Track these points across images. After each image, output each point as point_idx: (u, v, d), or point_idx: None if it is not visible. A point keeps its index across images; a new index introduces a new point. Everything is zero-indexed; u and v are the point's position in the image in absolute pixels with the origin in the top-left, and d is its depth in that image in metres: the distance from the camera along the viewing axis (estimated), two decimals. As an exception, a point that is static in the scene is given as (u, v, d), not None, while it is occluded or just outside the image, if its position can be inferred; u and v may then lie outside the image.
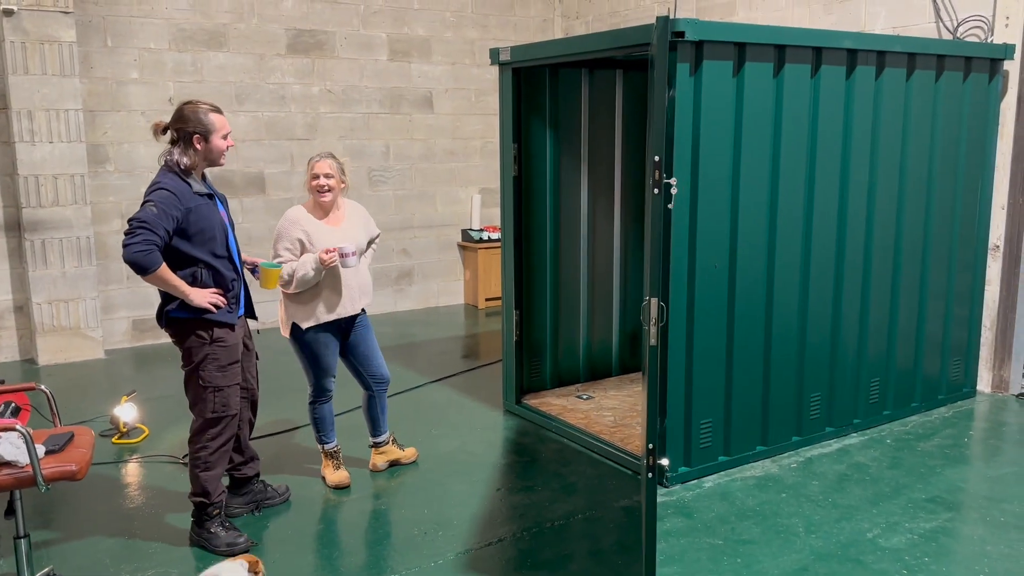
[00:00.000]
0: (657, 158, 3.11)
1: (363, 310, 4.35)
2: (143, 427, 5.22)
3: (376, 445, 4.58)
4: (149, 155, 7.20)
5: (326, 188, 4.11)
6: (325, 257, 3.96)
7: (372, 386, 4.45)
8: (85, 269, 6.83)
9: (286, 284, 4.05)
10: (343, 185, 4.19)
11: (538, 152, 5.42)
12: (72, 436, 3.31)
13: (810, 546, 3.71)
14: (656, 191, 3.11)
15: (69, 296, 6.80)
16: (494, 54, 5.18)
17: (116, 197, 7.13)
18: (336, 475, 4.39)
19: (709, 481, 4.39)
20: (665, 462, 4.20)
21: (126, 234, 3.38)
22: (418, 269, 8.76)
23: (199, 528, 3.76)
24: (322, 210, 4.18)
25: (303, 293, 4.09)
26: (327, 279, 4.11)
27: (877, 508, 4.07)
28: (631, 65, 5.70)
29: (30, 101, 6.47)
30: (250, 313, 3.96)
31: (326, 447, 4.43)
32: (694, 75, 4.08)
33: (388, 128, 8.36)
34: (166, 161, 3.57)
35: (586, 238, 5.75)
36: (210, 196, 3.64)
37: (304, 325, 4.13)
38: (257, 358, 4.06)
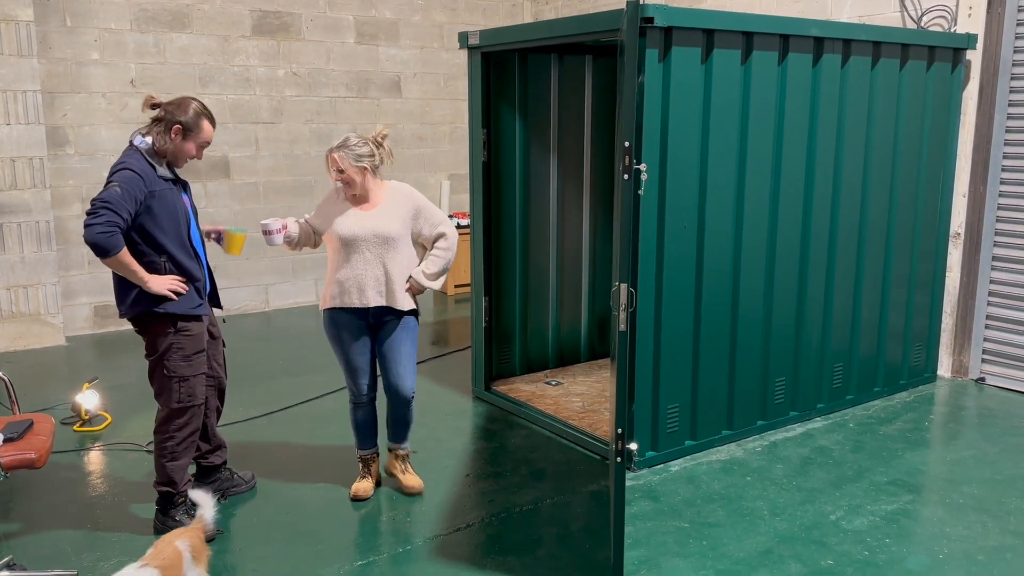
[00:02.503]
0: (628, 144, 3.11)
1: (412, 312, 3.93)
2: (105, 414, 5.14)
3: (394, 451, 4.19)
4: (111, 138, 7.06)
5: (346, 182, 3.77)
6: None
7: (387, 397, 4.00)
8: (45, 254, 6.69)
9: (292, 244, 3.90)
10: (367, 170, 3.77)
11: (507, 138, 5.40)
12: (31, 424, 3.25)
13: (774, 528, 3.76)
14: (626, 177, 3.12)
15: (28, 282, 6.66)
16: (463, 38, 5.14)
17: (76, 181, 6.99)
18: (355, 483, 4.09)
19: (676, 465, 4.43)
20: (634, 447, 4.23)
21: (88, 214, 3.30)
22: (386, 255, 8.69)
23: (164, 516, 3.72)
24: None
25: (329, 273, 3.88)
26: (339, 263, 3.82)
27: (840, 491, 4.13)
28: (601, 51, 5.69)
29: (-14, 81, 6.31)
30: (215, 302, 3.89)
31: (357, 452, 4.14)
32: (663, 61, 4.08)
33: (355, 112, 8.28)
34: (133, 142, 3.50)
35: (555, 224, 5.75)
36: (174, 182, 3.56)
37: (320, 306, 3.95)
38: (224, 345, 3.99)
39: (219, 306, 3.93)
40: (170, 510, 3.71)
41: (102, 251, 3.28)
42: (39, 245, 6.66)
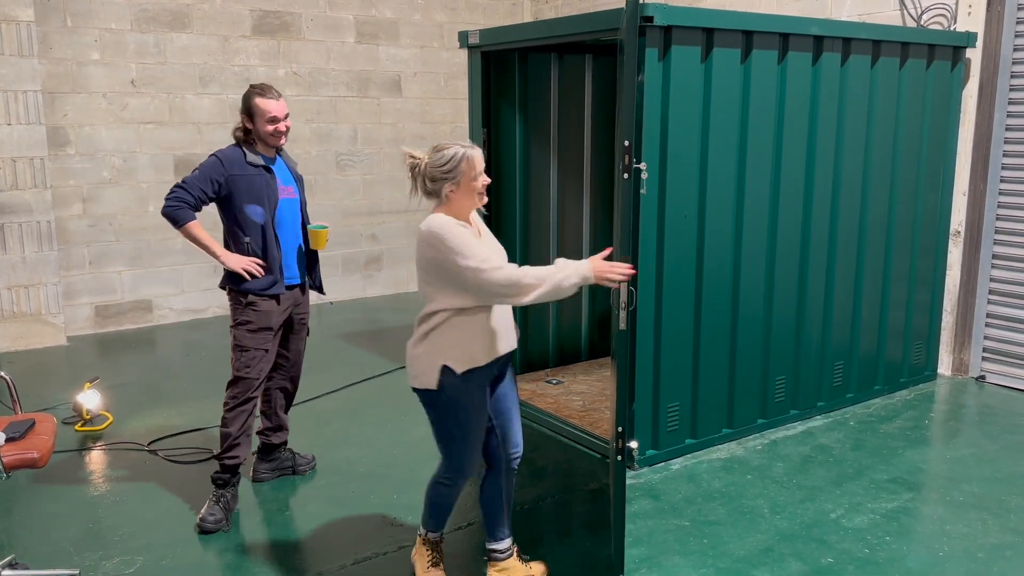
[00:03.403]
0: (627, 143, 3.11)
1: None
2: (107, 414, 5.14)
3: (493, 557, 3.25)
4: (111, 138, 7.07)
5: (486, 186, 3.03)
6: None
7: (496, 467, 3.21)
8: (46, 254, 6.70)
9: (512, 292, 2.84)
10: None
11: (507, 137, 5.40)
12: (33, 423, 3.25)
13: (775, 527, 3.76)
14: (626, 176, 3.12)
15: (29, 282, 6.67)
16: (463, 37, 5.15)
17: (77, 181, 7.00)
18: (430, 573, 3.26)
19: (676, 463, 4.43)
20: (634, 445, 4.23)
21: (169, 192, 3.72)
22: (387, 254, 8.71)
23: (213, 487, 3.90)
24: (467, 218, 3.02)
25: (468, 323, 2.93)
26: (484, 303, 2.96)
27: (840, 489, 4.14)
28: (600, 50, 5.69)
29: (-13, 82, 6.32)
30: (316, 287, 4.13)
31: (431, 535, 3.29)
32: (663, 60, 4.09)
33: (356, 112, 8.28)
34: (235, 135, 3.86)
35: (555, 223, 5.75)
36: (266, 169, 3.80)
37: (458, 369, 2.93)
38: (308, 333, 4.17)
39: (321, 291, 4.16)
40: (215, 486, 3.86)
41: (172, 221, 3.71)
42: (40, 245, 6.67)
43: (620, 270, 2.86)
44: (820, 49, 4.67)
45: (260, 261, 3.80)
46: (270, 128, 3.78)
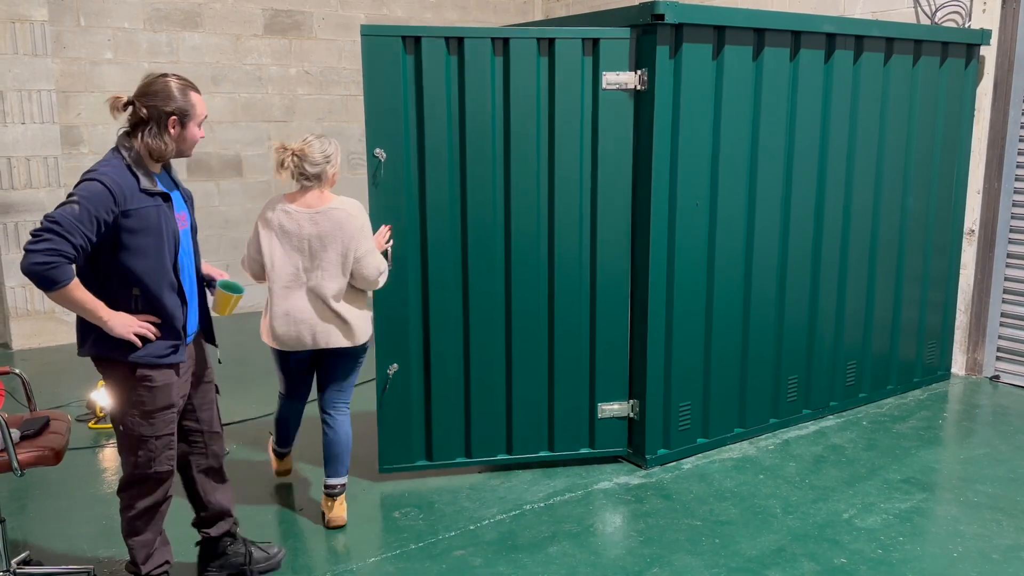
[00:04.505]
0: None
1: None
2: (120, 412, 5.17)
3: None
4: (124, 137, 7.09)
5: None
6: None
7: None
8: (59, 252, 6.73)
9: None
10: None
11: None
12: (48, 421, 3.27)
13: (787, 527, 3.75)
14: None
15: (43, 280, 6.69)
16: (474, 36, 5.14)
17: (90, 179, 7.02)
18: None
19: (688, 463, 4.42)
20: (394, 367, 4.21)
21: (32, 235, 2.62)
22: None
23: None
24: None
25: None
26: None
27: (853, 489, 4.12)
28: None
29: (1, 81, 6.35)
30: (208, 337, 3.21)
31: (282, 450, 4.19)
32: (674, 58, 4.07)
33: (367, 110, 8.28)
34: (121, 145, 2.83)
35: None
36: (164, 196, 2.85)
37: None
38: (218, 392, 3.26)
39: (213, 342, 3.24)
40: None
41: (44, 284, 2.61)
42: (54, 244, 6.69)
43: (382, 235, 3.85)
44: (833, 47, 4.64)
45: (152, 318, 2.85)
46: (200, 135, 2.92)
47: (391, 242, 3.93)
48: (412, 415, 4.17)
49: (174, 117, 2.82)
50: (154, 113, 2.80)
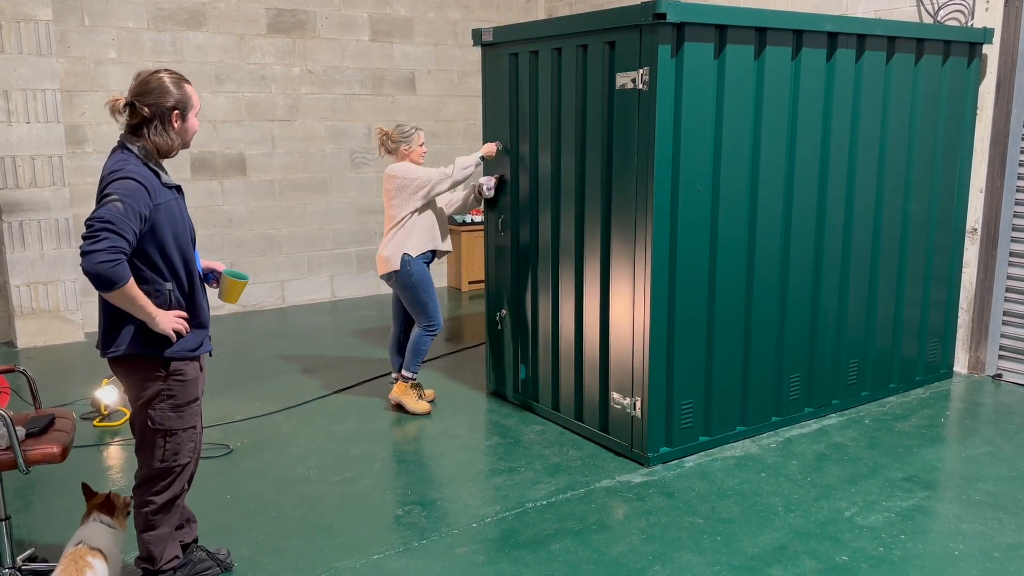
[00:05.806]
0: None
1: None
2: (125, 410, 5.19)
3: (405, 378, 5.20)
4: (128, 136, 7.11)
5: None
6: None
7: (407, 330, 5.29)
8: (64, 251, 6.77)
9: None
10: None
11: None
12: (53, 419, 3.29)
13: (789, 524, 3.76)
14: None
15: (48, 278, 6.74)
16: (476, 35, 5.16)
17: (95, 178, 7.05)
18: (420, 403, 5.12)
19: (690, 461, 4.43)
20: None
21: (86, 237, 2.65)
22: (401, 251, 8.72)
23: None
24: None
25: (417, 223, 4.87)
26: (432, 211, 4.99)
27: (855, 487, 4.13)
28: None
29: (6, 81, 6.38)
30: None
31: (412, 377, 5.13)
32: (675, 57, 4.08)
33: (370, 109, 8.31)
34: (124, 143, 2.87)
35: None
36: (178, 189, 2.98)
37: (416, 252, 4.85)
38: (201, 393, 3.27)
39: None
40: None
41: (107, 283, 2.66)
42: (58, 242, 6.73)
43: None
44: (835, 46, 4.64)
45: (182, 313, 2.93)
46: (198, 125, 3.00)
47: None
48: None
49: (176, 111, 2.91)
50: (156, 110, 2.88)
